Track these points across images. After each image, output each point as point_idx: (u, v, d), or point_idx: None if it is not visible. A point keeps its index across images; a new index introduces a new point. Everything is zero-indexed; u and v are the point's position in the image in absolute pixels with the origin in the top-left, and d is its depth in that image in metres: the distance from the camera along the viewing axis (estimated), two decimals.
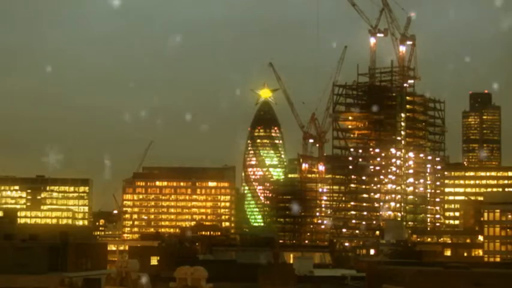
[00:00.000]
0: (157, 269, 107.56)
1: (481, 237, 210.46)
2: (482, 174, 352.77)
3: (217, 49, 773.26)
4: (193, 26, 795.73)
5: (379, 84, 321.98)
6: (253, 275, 72.82)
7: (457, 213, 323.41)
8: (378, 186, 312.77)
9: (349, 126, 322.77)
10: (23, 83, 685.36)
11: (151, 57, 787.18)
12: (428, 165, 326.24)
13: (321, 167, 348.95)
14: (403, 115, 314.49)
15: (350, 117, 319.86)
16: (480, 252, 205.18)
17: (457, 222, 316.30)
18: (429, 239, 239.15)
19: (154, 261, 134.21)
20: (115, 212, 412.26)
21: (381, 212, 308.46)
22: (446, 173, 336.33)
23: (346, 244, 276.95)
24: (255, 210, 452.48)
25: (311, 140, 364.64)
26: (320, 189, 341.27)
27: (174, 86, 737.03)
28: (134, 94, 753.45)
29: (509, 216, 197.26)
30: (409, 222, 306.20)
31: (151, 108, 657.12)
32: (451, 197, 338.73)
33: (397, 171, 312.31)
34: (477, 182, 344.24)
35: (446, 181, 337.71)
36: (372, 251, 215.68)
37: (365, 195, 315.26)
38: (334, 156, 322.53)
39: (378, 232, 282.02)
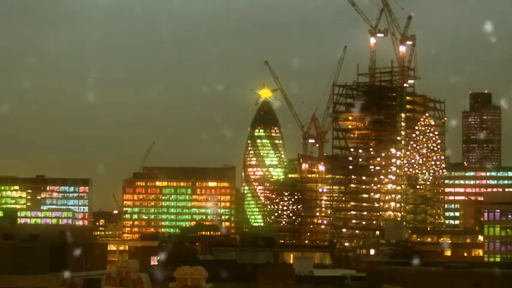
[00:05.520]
0: (157, 269, 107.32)
1: (481, 237, 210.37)
2: (482, 174, 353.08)
3: (217, 48, 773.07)
4: (192, 24, 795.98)
5: (379, 84, 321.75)
6: (253, 275, 72.71)
7: (457, 213, 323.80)
8: (378, 186, 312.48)
9: (349, 126, 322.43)
10: (23, 82, 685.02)
11: (151, 56, 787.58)
12: (428, 165, 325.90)
13: (321, 167, 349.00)
14: (403, 115, 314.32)
15: (350, 117, 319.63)
16: (480, 252, 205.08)
17: (457, 222, 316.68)
18: (429, 239, 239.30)
19: (154, 261, 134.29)
20: (115, 212, 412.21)
21: (380, 212, 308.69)
22: (446, 173, 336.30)
23: (346, 244, 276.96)
24: (255, 210, 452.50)
25: (311, 140, 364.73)
26: (320, 189, 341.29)
27: (173, 85, 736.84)
28: (134, 93, 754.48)
29: (509, 216, 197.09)
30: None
31: (151, 108, 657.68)
32: (451, 197, 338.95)
33: (397, 171, 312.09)
34: (477, 182, 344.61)
35: (446, 181, 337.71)
36: (372, 251, 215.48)
37: (365, 195, 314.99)
38: (334, 156, 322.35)
39: (378, 232, 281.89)
